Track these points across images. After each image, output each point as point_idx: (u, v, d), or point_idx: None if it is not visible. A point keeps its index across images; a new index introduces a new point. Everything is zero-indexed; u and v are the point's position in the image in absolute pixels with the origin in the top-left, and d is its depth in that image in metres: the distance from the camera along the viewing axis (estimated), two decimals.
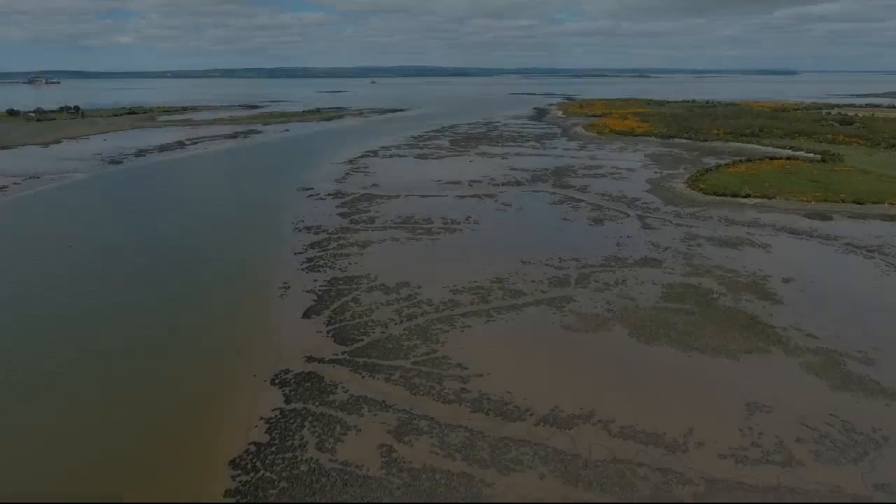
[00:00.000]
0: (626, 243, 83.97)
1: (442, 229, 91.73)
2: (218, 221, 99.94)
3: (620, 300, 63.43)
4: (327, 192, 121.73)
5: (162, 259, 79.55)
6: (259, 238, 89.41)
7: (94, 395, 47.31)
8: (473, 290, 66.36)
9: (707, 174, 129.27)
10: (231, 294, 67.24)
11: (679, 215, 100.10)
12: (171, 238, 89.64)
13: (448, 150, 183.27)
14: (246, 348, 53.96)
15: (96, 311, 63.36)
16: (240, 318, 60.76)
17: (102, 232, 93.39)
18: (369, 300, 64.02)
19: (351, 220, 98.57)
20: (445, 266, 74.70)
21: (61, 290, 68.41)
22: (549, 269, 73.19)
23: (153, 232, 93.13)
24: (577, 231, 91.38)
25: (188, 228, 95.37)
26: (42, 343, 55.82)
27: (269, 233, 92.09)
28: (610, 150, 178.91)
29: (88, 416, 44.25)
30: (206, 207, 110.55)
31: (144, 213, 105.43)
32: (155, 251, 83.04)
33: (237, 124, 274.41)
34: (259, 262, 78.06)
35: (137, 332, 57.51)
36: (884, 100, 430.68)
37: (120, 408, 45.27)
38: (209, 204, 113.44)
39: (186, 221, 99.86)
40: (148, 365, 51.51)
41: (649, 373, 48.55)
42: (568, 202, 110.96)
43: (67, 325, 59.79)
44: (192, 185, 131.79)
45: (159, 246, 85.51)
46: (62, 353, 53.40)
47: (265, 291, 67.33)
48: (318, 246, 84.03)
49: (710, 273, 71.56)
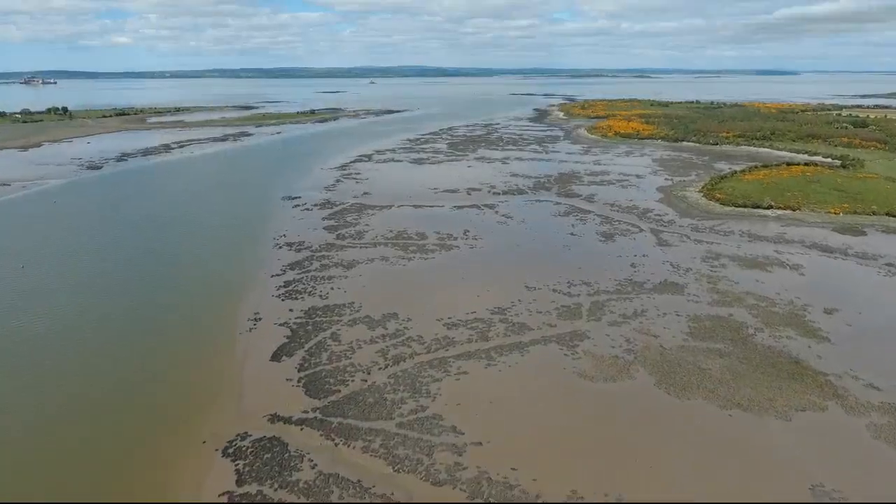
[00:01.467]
0: (641, 263, 75.30)
1: (437, 246, 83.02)
2: (191, 236, 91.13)
3: (641, 337, 54.76)
4: (315, 201, 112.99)
5: (118, 286, 70.76)
6: (234, 257, 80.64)
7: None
8: (471, 324, 57.69)
9: (722, 182, 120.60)
10: (192, 329, 58.49)
11: (697, 229, 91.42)
12: (134, 259, 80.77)
13: (446, 153, 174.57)
14: (199, 403, 45.25)
15: (23, 356, 54.66)
16: (198, 361, 52.00)
17: (60, 250, 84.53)
18: (351, 337, 55.30)
19: (338, 234, 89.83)
20: (439, 292, 66.03)
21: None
22: (556, 296, 64.52)
23: (114, 252, 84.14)
24: (587, 248, 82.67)
25: (155, 246, 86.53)
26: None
27: (245, 250, 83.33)
28: (615, 155, 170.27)
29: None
30: (181, 219, 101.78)
31: (111, 228, 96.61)
32: (112, 275, 74.15)
33: (229, 126, 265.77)
34: (230, 287, 69.28)
35: (74, 388, 48.74)
36: (891, 101, 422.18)
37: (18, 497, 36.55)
38: (185, 215, 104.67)
39: (155, 237, 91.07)
40: (70, 430, 42.70)
41: (687, 441, 39.86)
42: (574, 213, 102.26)
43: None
44: (169, 193, 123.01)
45: (117, 269, 76.55)
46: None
47: (232, 325, 58.59)
48: (299, 266, 75.29)
49: (740, 301, 62.89)
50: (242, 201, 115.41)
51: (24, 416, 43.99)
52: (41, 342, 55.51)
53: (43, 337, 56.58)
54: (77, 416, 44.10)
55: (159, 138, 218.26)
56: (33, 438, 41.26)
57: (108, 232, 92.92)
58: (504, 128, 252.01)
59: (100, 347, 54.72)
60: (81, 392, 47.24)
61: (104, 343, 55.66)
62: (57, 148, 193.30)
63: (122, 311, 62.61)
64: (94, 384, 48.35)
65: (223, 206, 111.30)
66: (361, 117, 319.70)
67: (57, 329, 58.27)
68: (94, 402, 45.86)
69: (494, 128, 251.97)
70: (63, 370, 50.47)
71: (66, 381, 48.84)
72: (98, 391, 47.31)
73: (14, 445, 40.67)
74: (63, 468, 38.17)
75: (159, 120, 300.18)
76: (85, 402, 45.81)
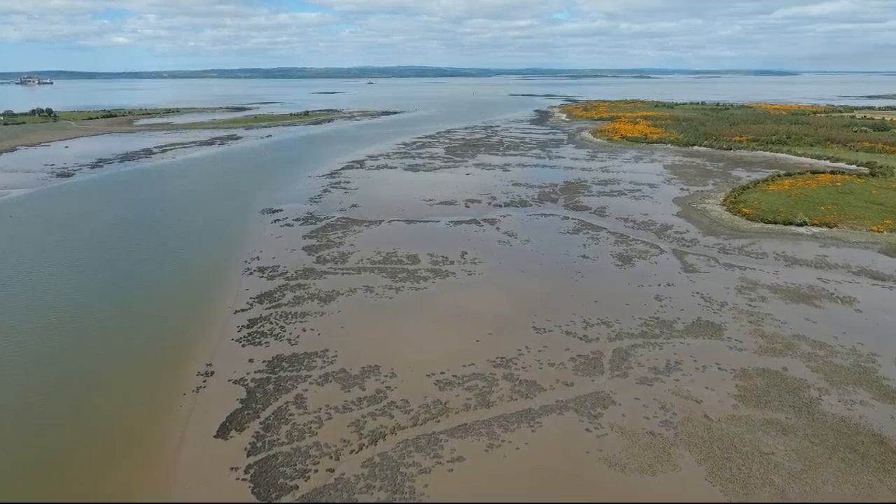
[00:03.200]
0: (667, 296, 64.65)
1: (430, 273, 72.35)
2: (149, 261, 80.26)
3: (679, 402, 44.14)
4: (297, 215, 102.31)
5: (50, 328, 59.91)
6: (195, 286, 69.90)
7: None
8: (468, 381, 47.08)
9: (745, 193, 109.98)
10: (127, 388, 47.71)
11: (724, 251, 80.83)
12: (78, 290, 69.97)
13: (443, 159, 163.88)
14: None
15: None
16: (123, 439, 41.21)
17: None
18: (319, 401, 44.65)
19: (318, 257, 79.17)
20: (431, 336, 55.42)
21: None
22: (571, 341, 53.91)
23: (57, 279, 73.37)
24: (602, 275, 72.02)
25: (108, 271, 75.75)
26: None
27: (210, 277, 72.63)
28: (624, 160, 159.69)
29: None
30: (145, 237, 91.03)
31: (64, 247, 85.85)
32: (46, 312, 63.15)
33: (218, 128, 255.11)
34: (183, 327, 58.55)
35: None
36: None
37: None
38: (152, 231, 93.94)
39: (111, 260, 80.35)
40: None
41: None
42: (585, 230, 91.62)
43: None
44: (138, 206, 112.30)
45: (54, 303, 65.44)
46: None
47: (176, 382, 47.90)
48: (269, 299, 64.60)
49: (792, 349, 52.29)
50: (218, 215, 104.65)
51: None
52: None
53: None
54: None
55: (143, 142, 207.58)
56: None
57: (49, 258, 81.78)
58: (504, 131, 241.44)
59: (6, 422, 44.02)
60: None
61: (11, 416, 44.96)
62: (32, 153, 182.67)
63: (45, 370, 51.88)
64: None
65: (195, 221, 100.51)
66: (357, 119, 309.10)
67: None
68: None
69: (494, 131, 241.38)
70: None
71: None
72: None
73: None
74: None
75: (147, 122, 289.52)
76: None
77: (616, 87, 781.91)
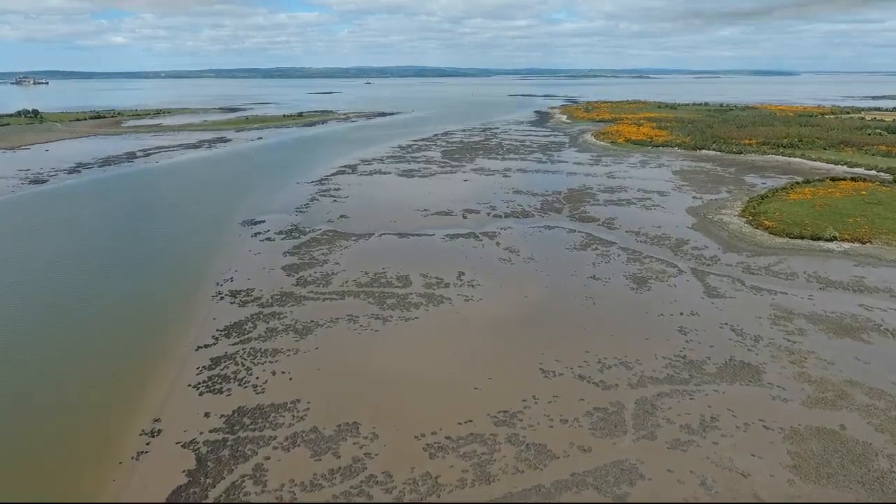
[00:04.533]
0: (692, 327, 56.73)
1: (422, 298, 64.33)
2: (110, 284, 72.02)
3: (722, 476, 36.19)
4: (280, 227, 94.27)
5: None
6: (157, 316, 61.75)
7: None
8: (464, 446, 39.11)
9: (764, 203, 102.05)
10: (56, 450, 39.68)
11: (749, 270, 72.95)
12: (24, 320, 62.01)
13: (439, 164, 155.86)
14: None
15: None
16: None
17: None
18: (282, 474, 36.63)
19: (299, 278, 71.17)
20: (422, 382, 47.43)
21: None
22: (585, 389, 45.97)
23: (3, 310, 65.48)
24: (617, 301, 64.02)
25: (60, 300, 67.75)
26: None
27: (174, 303, 64.57)
28: (630, 165, 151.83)
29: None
30: (111, 253, 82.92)
31: (23, 268, 77.76)
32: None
33: (207, 130, 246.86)
34: (132, 369, 50.42)
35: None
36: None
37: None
38: (119, 247, 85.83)
39: (69, 281, 72.29)
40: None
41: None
42: (593, 245, 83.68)
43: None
44: (110, 216, 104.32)
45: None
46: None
47: (113, 447, 39.81)
48: (237, 332, 56.58)
49: (846, 400, 44.37)
50: (194, 227, 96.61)
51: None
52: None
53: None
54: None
55: (127, 144, 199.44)
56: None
57: (6, 276, 73.97)
58: (504, 132, 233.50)
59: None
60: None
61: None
62: (9, 156, 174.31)
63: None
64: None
65: (168, 236, 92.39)
66: (352, 120, 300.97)
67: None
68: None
69: (493, 133, 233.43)
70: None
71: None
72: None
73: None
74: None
75: (136, 123, 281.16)
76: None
77: (615, 88, 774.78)
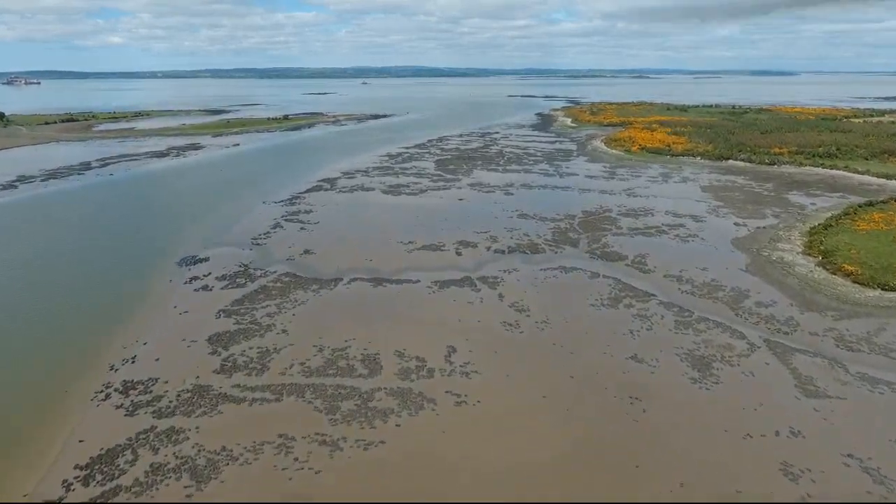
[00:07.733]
0: (803, 465, 36.97)
1: (394, 398, 44.51)
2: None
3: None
4: (225, 269, 74.45)
5: None
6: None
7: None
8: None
9: (830, 235, 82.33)
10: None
11: (844, 343, 53.26)
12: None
13: (431, 177, 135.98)
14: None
15: None
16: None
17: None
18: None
19: (226, 358, 51.34)
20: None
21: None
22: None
23: None
24: (675, 409, 44.12)
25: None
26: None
27: (36, 409, 44.58)
28: (650, 180, 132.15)
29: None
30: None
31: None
32: None
33: (182, 135, 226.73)
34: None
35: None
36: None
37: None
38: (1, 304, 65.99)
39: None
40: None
41: None
42: (626, 299, 63.92)
43: None
44: (16, 250, 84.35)
45: None
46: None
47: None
48: (105, 472, 36.69)
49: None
50: (115, 269, 76.53)
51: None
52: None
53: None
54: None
55: (87, 153, 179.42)
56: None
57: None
58: (504, 138, 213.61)
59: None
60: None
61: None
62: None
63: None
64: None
65: (72, 285, 72.15)
66: (341, 124, 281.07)
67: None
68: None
69: (493, 138, 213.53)
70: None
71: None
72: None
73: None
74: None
75: (107, 128, 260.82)
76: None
77: (616, 88, 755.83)
